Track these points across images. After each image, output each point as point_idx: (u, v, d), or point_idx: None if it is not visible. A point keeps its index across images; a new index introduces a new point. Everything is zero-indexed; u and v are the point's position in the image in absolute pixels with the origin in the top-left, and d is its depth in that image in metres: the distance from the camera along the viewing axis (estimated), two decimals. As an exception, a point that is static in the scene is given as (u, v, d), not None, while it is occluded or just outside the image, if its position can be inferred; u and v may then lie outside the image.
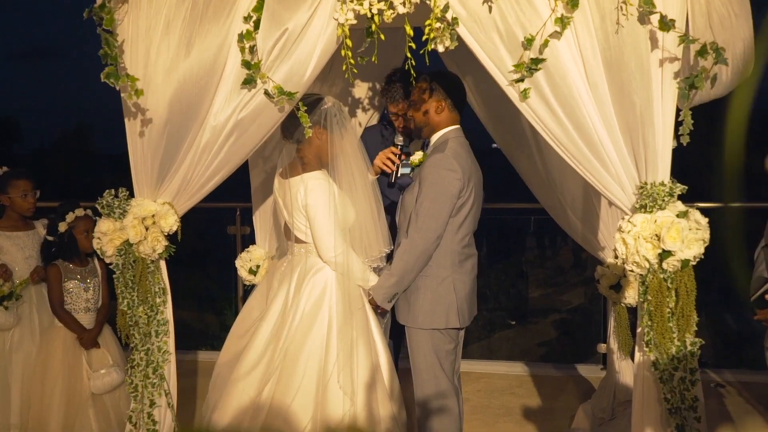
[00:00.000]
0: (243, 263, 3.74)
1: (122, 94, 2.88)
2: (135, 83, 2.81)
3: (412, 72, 2.65)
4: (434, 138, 3.09)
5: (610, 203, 3.54)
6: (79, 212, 3.82)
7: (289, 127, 3.03)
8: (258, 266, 3.72)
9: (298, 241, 3.18)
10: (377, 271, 3.17)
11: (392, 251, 3.15)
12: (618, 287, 3.64)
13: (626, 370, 3.75)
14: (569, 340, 6.88)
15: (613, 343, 3.78)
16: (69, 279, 3.85)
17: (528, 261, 8.15)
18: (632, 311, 3.69)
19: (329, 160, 3.11)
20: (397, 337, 3.73)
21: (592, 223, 3.67)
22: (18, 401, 3.85)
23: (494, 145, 3.96)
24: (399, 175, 3.39)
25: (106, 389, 3.80)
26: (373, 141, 3.73)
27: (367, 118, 3.91)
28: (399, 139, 3.48)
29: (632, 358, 3.68)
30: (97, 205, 3.01)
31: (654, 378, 2.62)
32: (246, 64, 2.72)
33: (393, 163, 3.41)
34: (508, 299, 7.52)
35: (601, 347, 4.79)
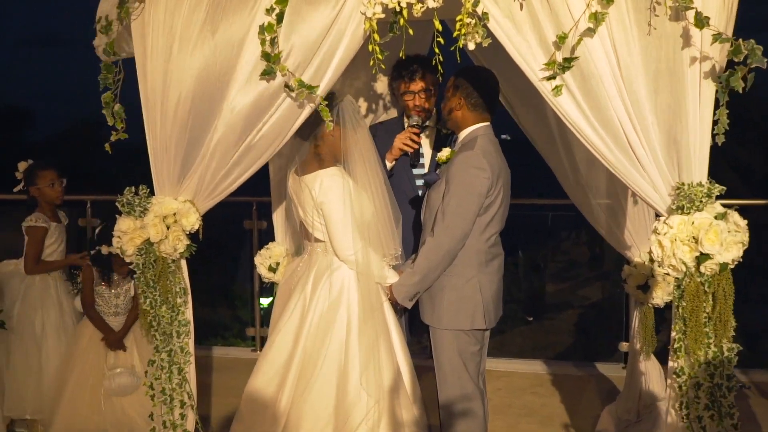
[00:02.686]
0: (263, 260, 3.67)
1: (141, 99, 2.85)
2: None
3: (440, 68, 2.57)
4: (462, 135, 3.01)
5: (636, 201, 3.50)
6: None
7: (303, 124, 2.96)
8: (278, 263, 3.65)
9: (313, 239, 3.12)
10: (396, 268, 3.11)
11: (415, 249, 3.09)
12: (645, 287, 3.56)
13: (651, 371, 3.67)
14: (589, 338, 6.81)
15: (638, 344, 3.70)
16: (100, 284, 3.93)
17: (545, 257, 8.07)
18: (657, 311, 3.62)
19: (343, 156, 3.05)
20: (414, 335, 3.68)
21: (619, 221, 3.59)
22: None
23: (504, 136, 3.89)
24: (418, 158, 3.43)
25: (114, 391, 3.80)
26: (393, 134, 3.66)
27: (387, 113, 3.83)
28: (414, 120, 3.43)
29: (659, 360, 3.63)
30: (117, 204, 2.95)
31: (683, 384, 2.55)
32: (266, 56, 2.65)
33: (414, 142, 3.40)
34: (525, 295, 7.45)
35: (623, 346, 4.73)
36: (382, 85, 3.75)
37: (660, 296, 3.49)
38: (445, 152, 3.10)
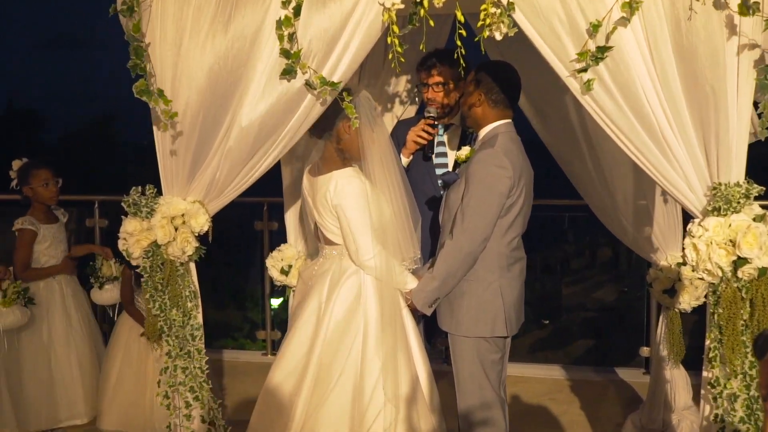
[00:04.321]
0: (274, 263, 3.56)
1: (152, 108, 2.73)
2: (169, 105, 2.67)
3: (462, 62, 2.45)
4: (482, 132, 2.88)
5: (666, 201, 3.36)
6: None
7: (317, 122, 2.84)
8: (290, 266, 3.53)
9: (328, 242, 2.99)
10: (414, 272, 2.99)
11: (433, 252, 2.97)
12: (672, 291, 3.42)
13: (678, 379, 3.53)
14: (608, 342, 6.66)
15: (663, 350, 3.56)
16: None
17: (562, 259, 7.93)
18: (684, 316, 3.48)
19: (360, 154, 2.92)
20: (431, 341, 3.55)
21: (646, 223, 3.45)
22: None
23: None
24: (435, 151, 3.33)
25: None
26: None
27: (404, 111, 3.71)
28: (429, 112, 3.31)
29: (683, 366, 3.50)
30: (123, 204, 2.85)
31: (718, 395, 2.42)
32: (285, 53, 2.53)
33: (428, 133, 3.29)
34: (540, 297, 7.31)
35: (644, 351, 4.59)
36: (399, 82, 3.63)
37: (687, 301, 3.35)
38: (464, 151, 2.97)
